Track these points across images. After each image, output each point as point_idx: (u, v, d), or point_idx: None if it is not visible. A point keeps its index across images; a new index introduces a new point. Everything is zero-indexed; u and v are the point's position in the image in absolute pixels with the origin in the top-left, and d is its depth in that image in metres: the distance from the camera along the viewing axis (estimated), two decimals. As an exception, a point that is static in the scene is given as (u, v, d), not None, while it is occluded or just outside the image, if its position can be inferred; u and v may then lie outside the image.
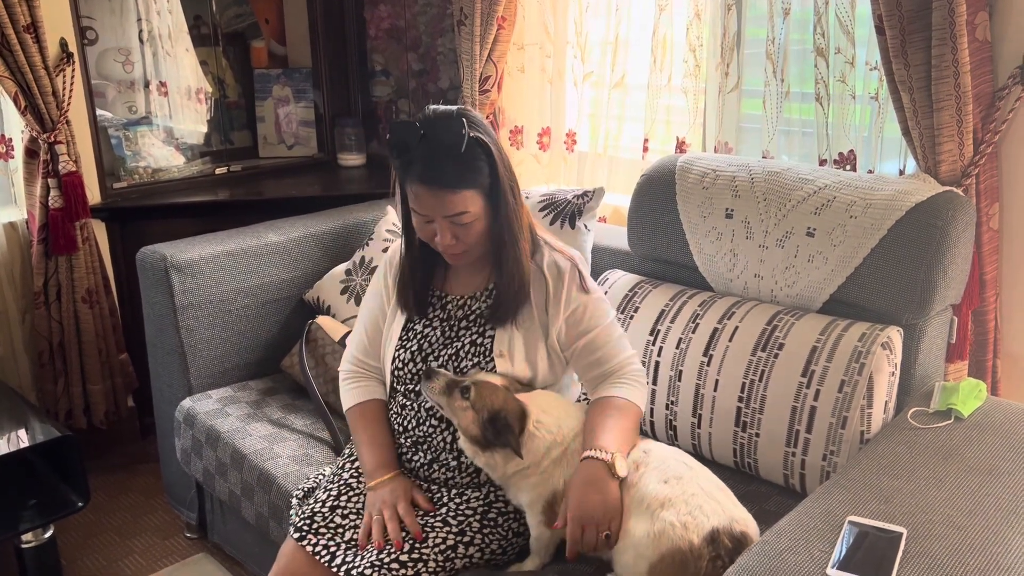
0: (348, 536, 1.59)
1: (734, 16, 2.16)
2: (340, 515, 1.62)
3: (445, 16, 2.99)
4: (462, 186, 1.51)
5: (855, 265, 1.74)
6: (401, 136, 1.53)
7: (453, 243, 1.56)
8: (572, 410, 1.61)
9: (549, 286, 1.63)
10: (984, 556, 1.24)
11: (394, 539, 1.52)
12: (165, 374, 2.33)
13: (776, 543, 1.28)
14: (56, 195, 2.53)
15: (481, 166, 1.53)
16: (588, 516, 1.43)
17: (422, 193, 1.52)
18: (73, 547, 2.46)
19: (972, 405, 1.64)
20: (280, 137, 3.30)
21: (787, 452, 1.72)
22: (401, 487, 1.61)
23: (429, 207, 1.53)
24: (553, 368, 1.66)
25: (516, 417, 1.52)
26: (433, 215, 1.54)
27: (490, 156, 1.54)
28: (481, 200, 1.55)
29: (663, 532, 1.39)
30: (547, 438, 1.53)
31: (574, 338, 1.64)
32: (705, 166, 1.98)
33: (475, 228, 1.56)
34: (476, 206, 1.54)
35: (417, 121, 1.53)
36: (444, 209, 1.52)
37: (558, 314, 1.63)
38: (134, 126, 2.96)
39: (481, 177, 1.54)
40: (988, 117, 1.76)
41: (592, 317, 1.64)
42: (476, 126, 1.54)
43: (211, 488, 2.16)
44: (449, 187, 1.51)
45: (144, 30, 2.96)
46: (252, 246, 2.35)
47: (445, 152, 1.50)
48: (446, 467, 1.65)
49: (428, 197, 1.52)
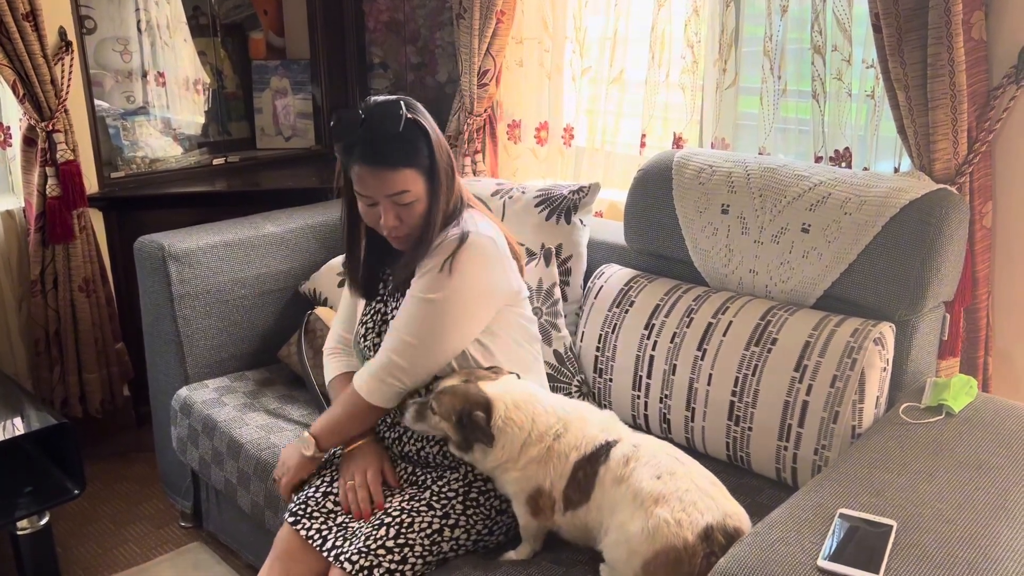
0: (340, 520, 1.64)
1: (732, 13, 2.17)
2: (332, 500, 1.67)
3: (444, 9, 3.00)
4: (401, 164, 1.58)
5: (849, 261, 1.76)
6: (344, 122, 1.60)
7: (397, 224, 1.61)
8: (552, 406, 1.58)
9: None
10: (973, 548, 1.25)
11: (364, 509, 1.61)
12: (162, 363, 2.34)
13: (768, 535, 1.30)
14: (54, 184, 2.53)
15: (420, 147, 1.60)
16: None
17: (364, 174, 1.58)
18: (68, 535, 2.47)
19: (963, 401, 1.65)
20: (278, 129, 3.30)
21: (779, 446, 1.73)
22: (373, 453, 1.69)
23: (372, 187, 1.59)
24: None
25: (482, 409, 1.52)
26: (376, 196, 1.59)
27: (427, 138, 1.61)
28: (421, 180, 1.60)
29: (657, 529, 1.39)
30: (519, 434, 1.52)
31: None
32: (702, 162, 1.99)
33: (416, 209, 1.61)
34: (417, 186, 1.60)
35: (361, 108, 1.60)
36: (386, 188, 1.58)
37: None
38: (132, 116, 2.96)
39: (420, 158, 1.60)
40: (983, 116, 1.78)
41: (418, 283, 1.63)
42: (414, 110, 1.62)
43: (207, 477, 2.16)
44: (390, 166, 1.57)
45: (142, 20, 2.96)
46: (249, 237, 2.36)
47: (384, 133, 1.57)
48: (416, 438, 1.70)
49: (370, 177, 1.58)
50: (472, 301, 1.63)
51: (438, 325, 1.61)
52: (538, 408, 1.55)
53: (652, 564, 1.38)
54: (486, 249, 1.63)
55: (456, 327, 1.63)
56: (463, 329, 1.64)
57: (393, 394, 1.65)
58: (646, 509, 1.42)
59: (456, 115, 2.75)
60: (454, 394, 1.54)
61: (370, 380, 1.65)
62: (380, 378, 1.64)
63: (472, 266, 1.61)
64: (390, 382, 1.63)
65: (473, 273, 1.61)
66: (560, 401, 1.62)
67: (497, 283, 1.66)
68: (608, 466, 1.50)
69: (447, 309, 1.60)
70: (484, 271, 1.64)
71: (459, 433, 1.53)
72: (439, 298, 1.60)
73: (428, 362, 1.63)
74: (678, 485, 1.43)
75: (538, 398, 1.58)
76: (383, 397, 1.65)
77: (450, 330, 1.62)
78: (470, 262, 1.61)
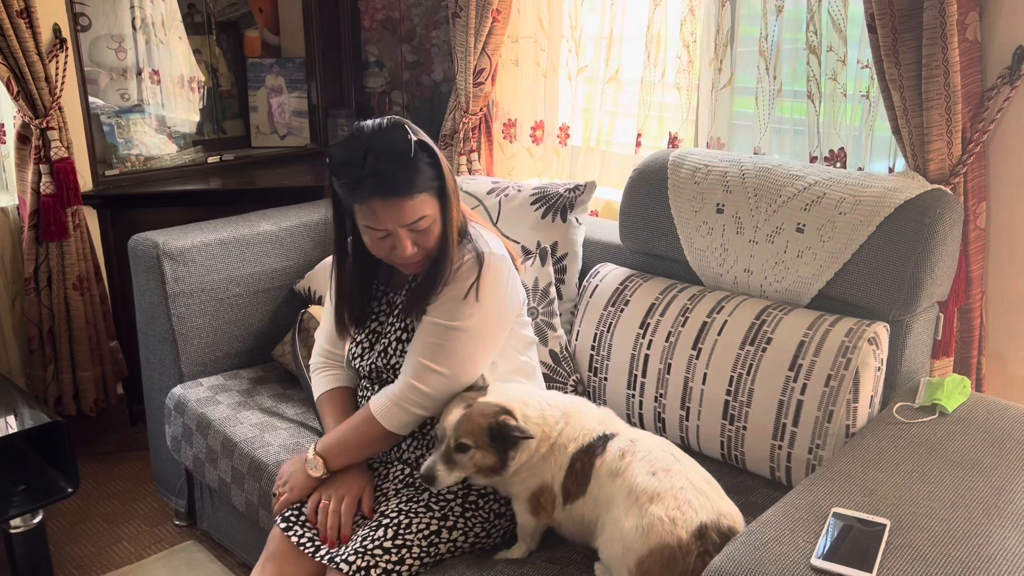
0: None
1: (728, 13, 2.18)
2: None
3: (440, 8, 3.00)
4: (416, 191, 1.52)
5: (843, 261, 1.76)
6: (343, 157, 1.51)
7: (414, 251, 1.56)
8: (553, 401, 1.59)
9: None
10: (966, 547, 1.25)
11: (330, 536, 1.57)
12: (156, 361, 2.33)
13: (762, 533, 1.30)
14: (48, 181, 2.52)
15: (428, 168, 1.54)
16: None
17: (378, 207, 1.51)
18: (62, 533, 2.46)
19: (957, 401, 1.66)
20: (273, 127, 3.30)
21: (774, 445, 1.73)
22: (356, 479, 1.64)
23: (387, 219, 1.52)
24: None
25: (503, 414, 1.50)
26: (392, 227, 1.53)
27: (434, 157, 1.55)
28: (435, 202, 1.56)
29: (652, 527, 1.39)
30: (536, 431, 1.52)
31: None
32: (697, 161, 1.99)
33: (433, 232, 1.57)
34: (432, 208, 1.55)
35: (358, 139, 1.52)
36: (403, 218, 1.52)
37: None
38: (126, 113, 2.95)
39: (431, 180, 1.54)
40: (977, 116, 1.78)
41: (438, 310, 1.59)
42: (414, 130, 1.55)
43: (201, 475, 2.16)
44: (405, 194, 1.51)
45: (137, 17, 2.96)
46: (244, 235, 2.35)
47: (395, 161, 1.50)
48: (415, 445, 1.69)
49: (385, 209, 1.51)
50: (497, 324, 1.64)
51: (467, 352, 1.59)
52: (543, 404, 1.56)
53: (646, 561, 1.38)
54: (501, 269, 1.62)
55: (483, 352, 1.62)
56: (489, 353, 1.63)
57: (412, 421, 1.62)
58: (640, 506, 1.42)
59: (452, 114, 2.75)
60: (470, 420, 1.49)
61: (390, 406, 1.60)
62: (401, 405, 1.59)
63: (497, 289, 1.61)
64: (412, 410, 1.60)
65: (498, 296, 1.62)
66: (558, 396, 1.64)
67: (512, 301, 1.67)
68: (604, 459, 1.50)
69: (476, 335, 1.59)
70: (505, 292, 1.64)
71: (495, 450, 1.49)
72: (467, 326, 1.58)
73: (454, 388, 1.60)
74: (673, 482, 1.44)
75: (539, 395, 1.60)
76: (401, 424, 1.61)
77: (478, 356, 1.60)
78: (493, 286, 1.60)
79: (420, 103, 3.16)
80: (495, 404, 1.52)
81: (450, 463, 1.49)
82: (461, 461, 1.49)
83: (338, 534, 1.58)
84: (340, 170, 1.52)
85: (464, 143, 2.72)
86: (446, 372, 1.58)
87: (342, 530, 1.58)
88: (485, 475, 1.52)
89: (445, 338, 1.58)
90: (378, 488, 1.68)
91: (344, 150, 1.52)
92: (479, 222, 1.73)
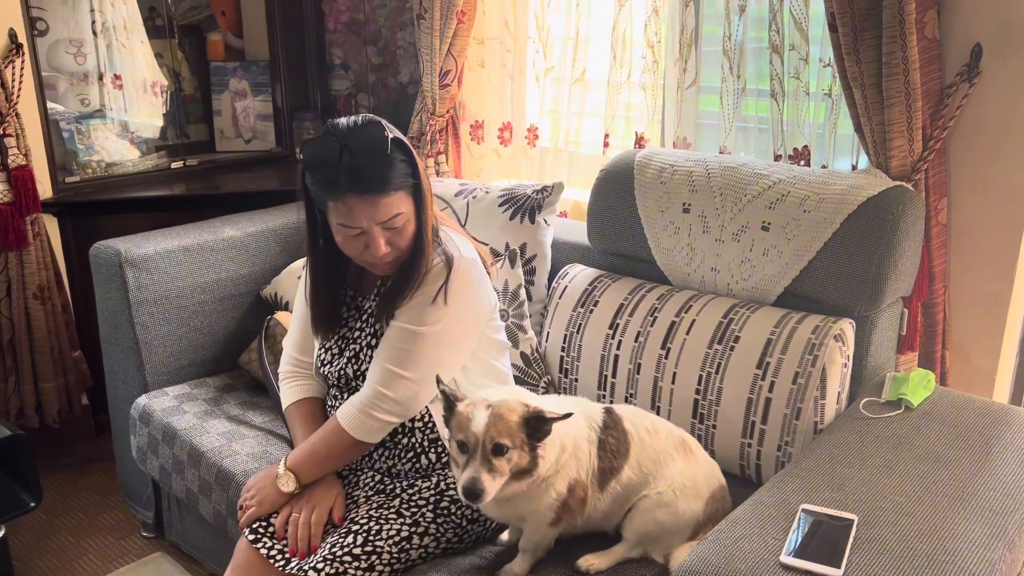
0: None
1: (692, 13, 2.19)
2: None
3: (405, 10, 2.98)
4: (392, 188, 1.50)
5: (809, 259, 1.77)
6: (319, 154, 1.49)
7: (387, 251, 1.54)
8: (546, 397, 1.62)
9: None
10: (931, 541, 1.27)
11: (301, 548, 1.56)
12: (120, 371, 2.29)
13: (731, 531, 1.30)
14: (5, 189, 2.48)
15: (404, 166, 1.53)
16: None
17: (354, 203, 1.49)
18: (25, 548, 2.41)
19: (921, 395, 1.68)
20: (237, 131, 3.26)
21: (743, 443, 1.74)
22: (327, 491, 1.62)
23: (361, 216, 1.50)
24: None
25: (523, 405, 1.42)
26: (367, 224, 1.51)
27: (409, 155, 1.54)
28: (409, 200, 1.55)
29: (713, 468, 1.59)
30: (554, 437, 1.44)
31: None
32: (663, 161, 2.00)
33: (407, 231, 1.55)
34: (407, 206, 1.54)
35: (333, 136, 1.50)
36: (378, 215, 1.50)
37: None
38: (87, 119, 2.90)
39: (406, 177, 1.53)
40: (936, 113, 1.80)
41: (405, 314, 1.56)
42: (390, 128, 1.54)
43: (168, 486, 2.13)
44: (381, 191, 1.49)
45: (97, 21, 2.90)
46: (208, 241, 2.32)
47: (371, 157, 1.49)
48: (388, 455, 1.67)
49: (361, 206, 1.50)
50: (465, 329, 1.62)
51: (434, 357, 1.57)
52: (541, 400, 1.55)
53: (710, 505, 1.53)
54: (471, 273, 1.61)
55: (453, 356, 1.60)
56: (457, 357, 1.62)
57: (380, 428, 1.59)
58: (693, 451, 1.57)
59: (418, 116, 2.73)
60: (502, 418, 1.38)
61: (357, 415, 1.58)
62: (368, 413, 1.57)
63: (466, 293, 1.59)
64: (380, 416, 1.57)
65: (467, 300, 1.60)
66: (538, 396, 1.65)
67: (482, 305, 1.65)
68: (632, 421, 1.55)
69: (443, 340, 1.57)
70: (475, 296, 1.62)
71: (528, 448, 1.40)
72: (434, 331, 1.56)
73: (422, 395, 1.58)
74: (684, 438, 1.60)
75: (531, 394, 1.57)
76: (370, 432, 1.59)
77: (446, 361, 1.58)
78: (462, 290, 1.58)
79: (386, 105, 3.14)
80: (513, 400, 1.42)
81: (491, 470, 1.37)
82: (499, 466, 1.37)
83: (308, 545, 1.56)
84: (315, 167, 1.50)
85: (431, 145, 2.71)
86: (413, 378, 1.56)
87: (312, 541, 1.56)
88: (518, 480, 1.41)
89: (412, 343, 1.56)
90: (348, 496, 1.66)
91: (319, 147, 1.50)
92: (450, 225, 1.72)
